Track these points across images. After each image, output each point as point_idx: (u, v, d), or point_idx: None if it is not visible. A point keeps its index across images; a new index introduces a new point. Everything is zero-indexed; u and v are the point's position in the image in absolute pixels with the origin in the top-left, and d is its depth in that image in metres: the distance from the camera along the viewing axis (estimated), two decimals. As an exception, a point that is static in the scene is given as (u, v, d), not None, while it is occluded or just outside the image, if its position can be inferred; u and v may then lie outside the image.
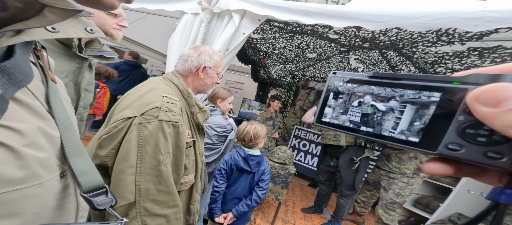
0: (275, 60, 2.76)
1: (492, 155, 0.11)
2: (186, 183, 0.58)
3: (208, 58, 0.64)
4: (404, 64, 1.95)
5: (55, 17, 0.16)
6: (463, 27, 0.94)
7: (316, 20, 1.17)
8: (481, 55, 1.41)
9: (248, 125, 1.06)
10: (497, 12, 0.92)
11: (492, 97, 0.10)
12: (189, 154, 0.57)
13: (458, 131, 0.12)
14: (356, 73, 0.17)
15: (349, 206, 1.66)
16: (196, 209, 0.65)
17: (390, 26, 1.03)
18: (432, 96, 0.13)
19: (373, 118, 0.16)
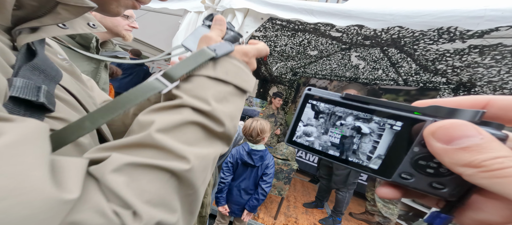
0: (276, 57, 2.78)
1: (436, 185, 0.12)
2: None
3: None
4: (405, 61, 1.97)
5: (68, 14, 0.16)
6: (465, 25, 0.96)
7: (319, 18, 1.18)
8: (481, 53, 1.43)
9: (254, 121, 1.12)
10: (498, 11, 0.93)
11: (447, 135, 0.11)
12: None
13: (412, 162, 0.13)
14: (329, 92, 0.16)
15: (348, 200, 1.70)
16: (208, 201, 0.70)
17: (392, 25, 1.05)
18: (394, 125, 0.14)
19: (341, 142, 0.16)
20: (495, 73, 1.67)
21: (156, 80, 0.19)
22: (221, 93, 0.20)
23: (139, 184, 0.15)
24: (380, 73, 2.46)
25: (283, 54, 2.56)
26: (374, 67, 2.35)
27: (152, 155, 0.16)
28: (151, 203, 0.15)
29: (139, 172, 0.15)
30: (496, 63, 1.52)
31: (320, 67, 2.88)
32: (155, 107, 0.19)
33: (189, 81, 0.20)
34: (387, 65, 2.20)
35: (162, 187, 0.16)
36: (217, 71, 0.20)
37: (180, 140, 0.17)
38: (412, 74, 2.23)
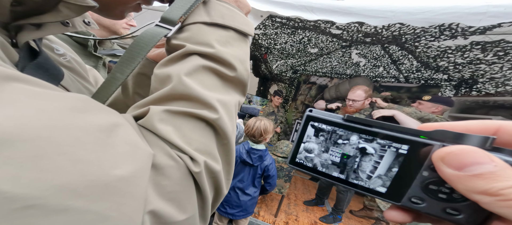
0: (276, 55, 2.77)
1: (451, 211, 0.12)
2: None
3: None
4: (406, 58, 1.96)
5: (69, 12, 0.16)
6: (467, 22, 0.95)
7: (319, 16, 1.17)
8: (484, 49, 1.42)
9: (257, 121, 1.10)
10: (500, 7, 0.93)
11: (457, 161, 0.10)
12: None
13: (422, 186, 0.12)
14: (331, 114, 0.16)
15: (349, 198, 1.72)
16: None
17: (393, 22, 1.05)
18: (400, 149, 0.13)
19: (344, 163, 0.16)
20: (498, 69, 1.66)
21: (157, 27, 0.19)
22: (223, 37, 0.20)
23: (184, 132, 0.15)
24: (381, 70, 2.45)
25: (283, 52, 2.55)
26: (375, 64, 2.34)
27: (184, 104, 0.16)
28: (200, 151, 0.16)
29: (180, 121, 0.16)
30: (498, 59, 1.52)
31: (321, 65, 2.87)
32: (164, 61, 0.19)
33: (187, 30, 0.20)
34: (388, 63, 2.19)
35: (203, 135, 0.16)
36: (212, 16, 0.20)
37: (201, 85, 0.17)
38: (413, 71, 2.22)
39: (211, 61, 0.18)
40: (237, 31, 0.21)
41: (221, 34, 0.20)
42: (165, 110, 0.15)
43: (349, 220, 1.92)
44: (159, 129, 0.15)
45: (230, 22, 0.20)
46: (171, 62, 0.19)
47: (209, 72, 0.18)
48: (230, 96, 0.19)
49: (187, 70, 0.17)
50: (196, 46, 0.18)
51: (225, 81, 0.19)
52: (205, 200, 0.16)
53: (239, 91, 0.21)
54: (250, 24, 0.22)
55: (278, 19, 1.60)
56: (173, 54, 0.19)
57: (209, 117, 0.16)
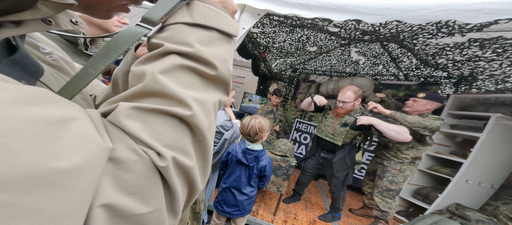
0: (275, 54, 2.78)
1: None
2: None
3: None
4: (405, 56, 1.97)
5: (48, 10, 0.16)
6: (463, 19, 0.96)
7: (316, 13, 1.19)
8: (482, 46, 1.43)
9: (252, 119, 1.08)
10: (496, 4, 0.94)
11: None
12: None
13: None
14: None
15: (343, 196, 1.73)
16: (202, 198, 0.70)
17: (390, 19, 1.06)
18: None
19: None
20: (497, 66, 1.67)
21: (137, 26, 0.20)
22: (204, 37, 0.20)
23: (153, 128, 0.16)
24: (381, 68, 2.46)
25: (282, 51, 2.57)
26: (374, 62, 2.35)
27: (156, 101, 0.17)
28: (169, 147, 0.16)
29: (150, 118, 0.16)
30: (497, 56, 1.53)
31: (320, 63, 2.88)
32: (142, 59, 0.19)
33: (168, 30, 0.20)
34: (388, 60, 2.21)
35: (175, 131, 0.17)
36: (195, 17, 0.20)
37: (177, 83, 0.18)
38: (412, 69, 2.23)
39: (190, 60, 0.19)
40: (220, 32, 0.21)
41: (203, 34, 0.20)
42: (134, 107, 0.16)
43: (348, 219, 1.94)
44: (125, 125, 0.15)
45: (213, 23, 0.21)
46: (148, 60, 0.19)
47: (187, 71, 0.19)
48: (209, 95, 0.20)
49: (163, 68, 0.18)
50: (175, 45, 0.19)
51: (205, 80, 0.20)
52: (174, 194, 0.16)
53: (221, 90, 0.21)
54: (235, 25, 0.23)
55: (275, 17, 1.62)
56: (151, 52, 0.19)
57: (182, 114, 0.17)
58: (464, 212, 1.70)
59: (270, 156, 1.62)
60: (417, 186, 2.19)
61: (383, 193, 1.62)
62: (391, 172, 1.58)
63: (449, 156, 1.93)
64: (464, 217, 1.68)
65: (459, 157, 1.84)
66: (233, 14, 0.25)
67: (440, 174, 1.97)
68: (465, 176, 1.80)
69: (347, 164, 1.58)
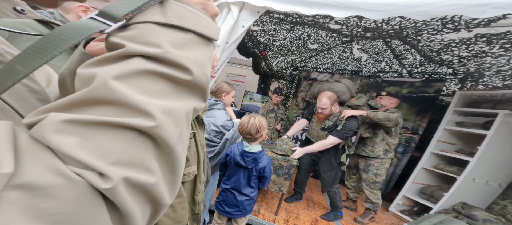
0: (276, 52, 2.77)
1: None
2: (189, 174, 0.62)
3: None
4: (409, 53, 1.94)
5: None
6: (469, 14, 0.94)
7: (317, 10, 1.18)
8: (489, 42, 1.40)
9: (251, 118, 1.07)
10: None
11: None
12: (190, 145, 0.59)
13: None
14: None
15: (339, 194, 1.78)
16: (201, 199, 0.70)
17: (393, 15, 1.04)
18: None
19: None
20: (505, 62, 1.64)
21: (91, 20, 0.17)
22: (179, 39, 0.18)
23: (96, 144, 0.13)
24: (384, 65, 2.43)
25: (283, 49, 2.55)
26: (377, 59, 2.32)
27: (105, 111, 0.14)
28: (120, 164, 0.14)
29: (92, 132, 0.13)
30: (505, 52, 1.49)
31: (321, 61, 2.86)
32: (94, 60, 0.16)
33: (133, 29, 0.17)
34: (391, 57, 2.18)
35: (131, 146, 0.14)
36: (169, 16, 0.18)
37: (138, 90, 0.15)
38: (416, 66, 2.20)
39: (159, 64, 0.17)
40: (199, 35, 0.20)
41: (178, 36, 0.18)
42: (69, 120, 0.13)
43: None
44: (52, 141, 0.12)
45: (190, 25, 0.19)
46: (102, 62, 0.16)
47: (154, 76, 0.16)
48: (181, 103, 0.18)
49: (119, 72, 0.15)
50: (140, 46, 0.16)
51: (177, 86, 0.18)
52: (127, 217, 0.15)
53: (197, 96, 0.20)
54: (215, 29, 0.21)
55: (275, 14, 1.60)
56: (107, 53, 0.16)
57: (142, 126, 0.15)
58: (470, 211, 1.68)
59: (272, 155, 1.63)
60: (422, 185, 2.17)
61: (370, 186, 1.77)
62: (374, 165, 1.76)
63: (455, 154, 1.91)
64: (470, 217, 1.66)
65: (466, 155, 1.82)
66: (214, 17, 0.24)
67: (445, 172, 1.95)
68: (472, 175, 1.77)
69: (332, 164, 1.66)
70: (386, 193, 2.54)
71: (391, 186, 2.53)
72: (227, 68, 4.48)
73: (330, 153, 1.65)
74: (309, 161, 1.87)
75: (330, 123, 1.58)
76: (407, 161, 2.41)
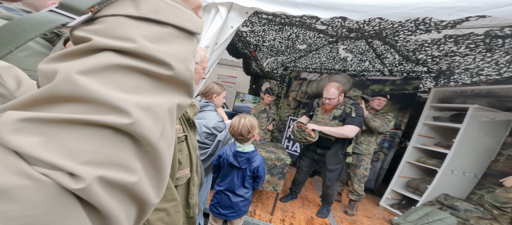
0: (266, 52, 2.83)
1: None
2: (182, 177, 0.62)
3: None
4: (389, 52, 2.11)
5: None
6: (438, 16, 1.06)
7: (303, 11, 1.24)
8: (456, 42, 1.58)
9: (241, 118, 1.08)
10: (466, 2, 1.04)
11: None
12: (181, 148, 0.59)
13: None
14: None
15: (336, 190, 1.85)
16: (195, 202, 0.70)
17: (373, 16, 1.13)
18: None
19: None
20: (471, 61, 1.85)
21: (51, 13, 0.15)
22: (155, 34, 0.17)
23: (63, 143, 0.13)
24: (367, 64, 2.61)
25: (273, 49, 2.62)
26: (361, 59, 2.48)
27: (72, 108, 0.13)
28: (94, 163, 0.13)
29: (57, 130, 0.13)
30: (470, 51, 1.69)
31: (310, 60, 2.98)
32: (56, 55, 0.15)
33: (101, 22, 0.16)
34: (373, 57, 2.34)
35: (105, 144, 0.14)
36: (142, 9, 0.17)
37: (110, 86, 0.15)
38: (396, 65, 2.39)
39: (134, 59, 0.16)
40: (179, 28, 0.19)
41: (154, 30, 0.17)
42: (28, 118, 0.12)
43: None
44: (11, 141, 0.12)
45: (168, 18, 0.18)
46: (66, 57, 0.15)
47: (129, 71, 0.16)
48: (163, 98, 0.17)
49: (85, 67, 0.14)
50: (110, 40, 0.15)
51: (157, 81, 0.17)
52: (108, 217, 0.14)
53: (182, 92, 0.19)
54: (197, 22, 0.20)
55: (264, 15, 1.65)
56: (71, 47, 0.15)
57: (115, 123, 0.14)
58: (452, 202, 1.81)
59: (265, 155, 1.64)
60: (407, 178, 2.31)
61: (361, 180, 1.90)
62: (365, 160, 1.88)
63: (434, 147, 2.07)
64: (453, 207, 1.78)
65: (444, 148, 1.97)
66: (197, 9, 0.23)
67: (427, 165, 2.08)
68: (450, 167, 1.90)
69: (339, 158, 1.69)
70: (376, 188, 2.65)
71: (380, 181, 2.64)
72: (218, 69, 4.46)
73: (337, 146, 1.68)
74: (310, 162, 1.90)
75: (340, 112, 1.61)
76: (393, 155, 2.55)
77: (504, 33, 1.34)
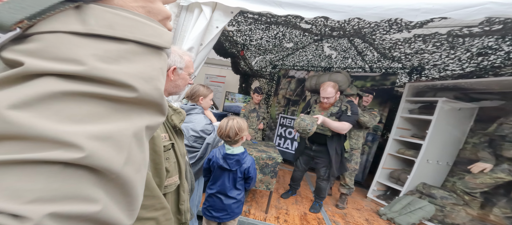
0: (254, 51, 2.87)
1: None
2: (171, 185, 0.61)
3: (179, 59, 0.64)
4: (368, 50, 2.29)
5: None
6: (407, 17, 1.17)
7: (288, 10, 1.29)
8: (424, 41, 1.77)
9: (229, 120, 1.08)
10: (429, 4, 1.17)
11: None
12: (169, 157, 0.59)
13: None
14: None
15: (328, 187, 1.96)
16: (187, 208, 0.70)
17: (352, 16, 1.22)
18: None
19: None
20: (438, 57, 2.08)
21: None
22: (111, 52, 0.15)
23: (2, 185, 0.12)
24: (350, 61, 2.78)
25: (260, 48, 2.67)
26: (344, 56, 2.65)
27: (10, 148, 0.12)
28: (42, 200, 0.12)
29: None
30: (437, 49, 1.90)
31: (297, 58, 3.09)
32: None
33: (36, 41, 0.14)
34: (355, 54, 2.52)
35: (54, 180, 0.13)
36: (91, 25, 0.14)
37: (55, 118, 0.13)
38: (375, 62, 2.60)
39: (84, 84, 0.14)
40: (142, 44, 0.17)
41: (108, 48, 0.15)
42: None
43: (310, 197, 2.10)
44: None
45: (127, 34, 0.16)
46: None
47: (80, 98, 0.14)
48: (126, 123, 0.16)
49: (20, 99, 0.13)
50: (49, 63, 0.13)
51: (119, 105, 0.16)
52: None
53: (151, 112, 0.18)
54: (165, 35, 0.19)
55: (249, 14, 1.69)
56: (2, 74, 0.13)
57: (64, 159, 0.13)
58: (430, 190, 1.96)
59: (256, 155, 1.66)
60: (390, 170, 2.48)
61: (352, 174, 2.02)
62: (355, 154, 2.02)
63: (410, 138, 2.27)
64: (430, 195, 1.91)
65: (419, 139, 2.16)
66: (165, 21, 0.21)
67: (406, 156, 2.27)
68: (426, 156, 2.04)
69: (338, 153, 1.79)
70: (363, 181, 2.82)
71: (366, 173, 2.82)
72: (205, 69, 4.39)
73: (334, 142, 1.76)
74: (307, 160, 1.98)
75: (336, 109, 1.72)
76: (376, 148, 2.75)
77: (463, 32, 1.54)
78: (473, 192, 1.79)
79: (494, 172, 1.70)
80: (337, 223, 1.79)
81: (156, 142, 0.52)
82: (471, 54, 1.81)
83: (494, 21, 1.30)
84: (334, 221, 1.82)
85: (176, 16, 1.43)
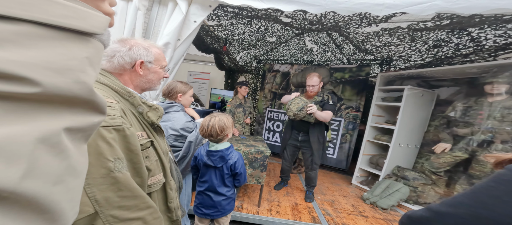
0: (237, 46, 2.91)
1: None
2: (155, 183, 0.60)
3: (144, 52, 0.62)
4: (345, 43, 2.52)
5: None
6: (373, 11, 1.34)
7: (267, 4, 1.37)
8: (390, 34, 2.04)
9: (212, 118, 1.05)
10: (391, 0, 1.35)
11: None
12: (148, 155, 0.58)
13: None
14: None
15: (316, 173, 2.11)
16: (176, 205, 0.70)
17: (327, 10, 1.35)
18: None
19: None
20: (402, 49, 2.40)
21: None
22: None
23: None
24: (330, 54, 3.02)
25: (243, 43, 2.72)
26: (324, 49, 2.87)
27: None
28: None
29: None
30: (401, 42, 2.20)
31: (281, 52, 3.23)
32: None
33: None
34: (334, 47, 2.75)
35: None
36: None
37: None
38: (351, 54, 2.87)
39: None
40: (45, 26, 0.14)
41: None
42: None
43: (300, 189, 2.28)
44: None
45: (16, 11, 0.13)
46: None
47: None
48: (25, 126, 0.13)
49: None
50: None
51: (13, 104, 0.13)
52: None
53: (77, 111, 0.16)
54: (92, 18, 0.16)
55: (229, 8, 1.73)
56: None
57: None
58: (404, 173, 2.19)
59: (245, 149, 1.72)
60: (369, 155, 2.75)
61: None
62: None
63: (384, 125, 2.58)
64: (404, 177, 2.11)
65: (391, 125, 2.45)
66: (99, 2, 0.18)
67: (381, 141, 2.55)
68: (398, 140, 2.28)
69: (319, 141, 1.95)
70: (347, 168, 3.08)
71: (350, 161, 3.08)
72: (187, 66, 4.27)
73: (316, 130, 1.94)
74: (293, 150, 2.11)
75: (320, 98, 1.90)
76: (357, 136, 3.04)
77: (420, 26, 1.82)
78: (438, 171, 1.99)
79: (453, 151, 1.90)
80: (326, 210, 1.94)
81: (131, 141, 0.50)
82: (429, 46, 2.14)
83: (443, 17, 1.57)
84: (323, 209, 1.97)
85: (147, 9, 1.40)
